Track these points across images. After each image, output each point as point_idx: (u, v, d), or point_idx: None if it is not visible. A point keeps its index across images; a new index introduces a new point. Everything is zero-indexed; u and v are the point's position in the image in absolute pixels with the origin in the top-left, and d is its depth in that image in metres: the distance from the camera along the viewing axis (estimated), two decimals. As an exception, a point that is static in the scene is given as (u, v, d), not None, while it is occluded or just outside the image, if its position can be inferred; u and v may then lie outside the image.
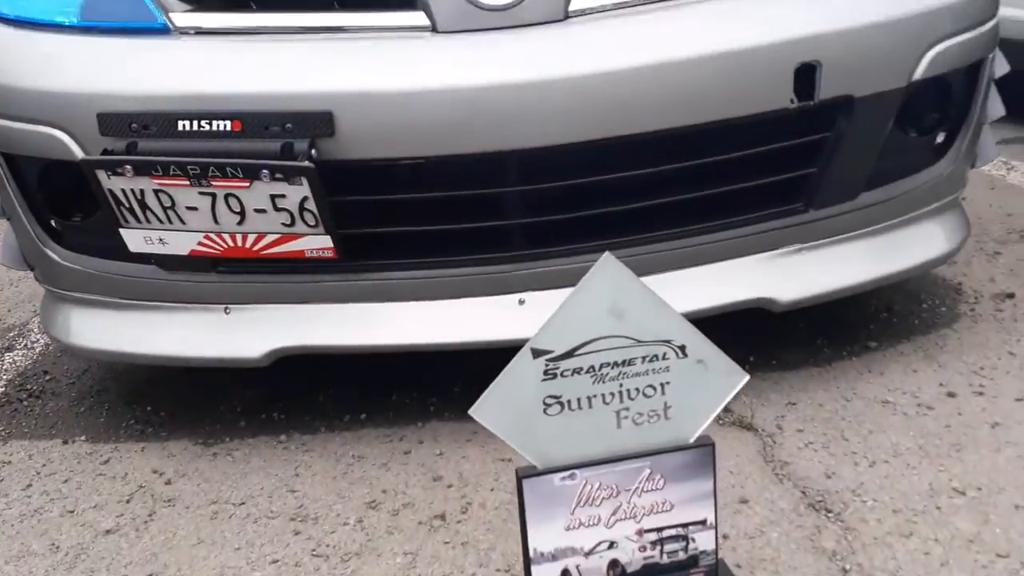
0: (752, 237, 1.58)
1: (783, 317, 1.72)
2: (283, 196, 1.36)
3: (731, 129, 1.47)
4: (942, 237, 1.73)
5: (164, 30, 1.44)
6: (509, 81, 1.37)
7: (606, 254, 0.99)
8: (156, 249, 1.47)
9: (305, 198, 1.35)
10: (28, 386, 2.05)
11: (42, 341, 2.28)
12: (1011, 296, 2.03)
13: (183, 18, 1.44)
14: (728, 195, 1.54)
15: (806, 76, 1.46)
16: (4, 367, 2.17)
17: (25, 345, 2.29)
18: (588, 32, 1.42)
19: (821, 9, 1.47)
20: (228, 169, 1.33)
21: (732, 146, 1.49)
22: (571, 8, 1.43)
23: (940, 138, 1.71)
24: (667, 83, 1.41)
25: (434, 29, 1.41)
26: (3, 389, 2.05)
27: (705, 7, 1.46)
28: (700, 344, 1.04)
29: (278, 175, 1.33)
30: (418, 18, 1.42)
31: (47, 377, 2.09)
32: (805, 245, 1.61)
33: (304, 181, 1.33)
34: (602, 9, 1.45)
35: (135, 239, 1.45)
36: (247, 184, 1.35)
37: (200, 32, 1.44)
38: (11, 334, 2.37)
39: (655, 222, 1.54)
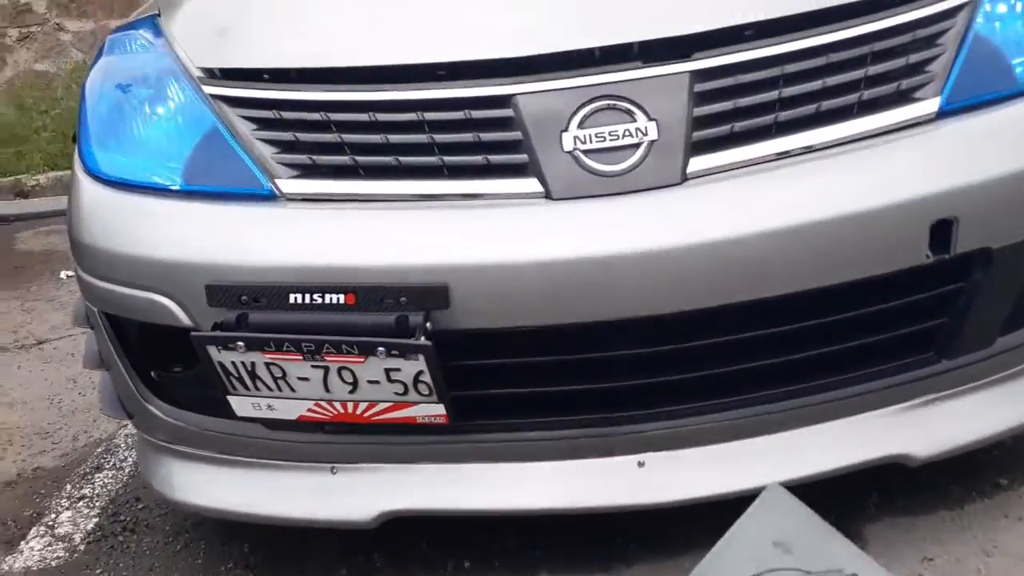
0: (883, 391, 1.49)
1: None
2: (398, 370, 1.31)
3: (861, 286, 1.39)
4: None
5: (270, 197, 1.40)
6: (625, 252, 1.31)
7: (772, 485, 0.92)
8: (264, 414, 1.43)
9: (420, 372, 1.30)
10: (122, 517, 2.02)
11: (130, 459, 2.26)
12: None
13: (290, 184, 1.40)
14: (856, 350, 1.46)
15: (942, 231, 1.37)
16: (96, 492, 2.16)
17: (114, 464, 2.27)
18: (707, 197, 1.35)
19: (958, 161, 1.39)
20: (344, 346, 1.29)
21: (861, 302, 1.42)
22: (689, 170, 1.37)
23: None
24: (790, 248, 1.33)
25: (548, 196, 1.36)
26: (97, 519, 2.03)
27: (831, 163, 1.38)
28: (871, 570, 0.96)
29: (394, 352, 1.28)
30: (531, 185, 1.37)
31: (139, 505, 2.06)
32: (939, 395, 1.52)
33: (420, 357, 1.28)
34: (721, 170, 1.37)
35: (243, 406, 1.41)
36: (362, 360, 1.30)
37: (307, 199, 1.40)
38: (98, 450, 2.36)
39: (778, 379, 1.46)
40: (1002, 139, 1.43)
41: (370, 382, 1.33)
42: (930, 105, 1.43)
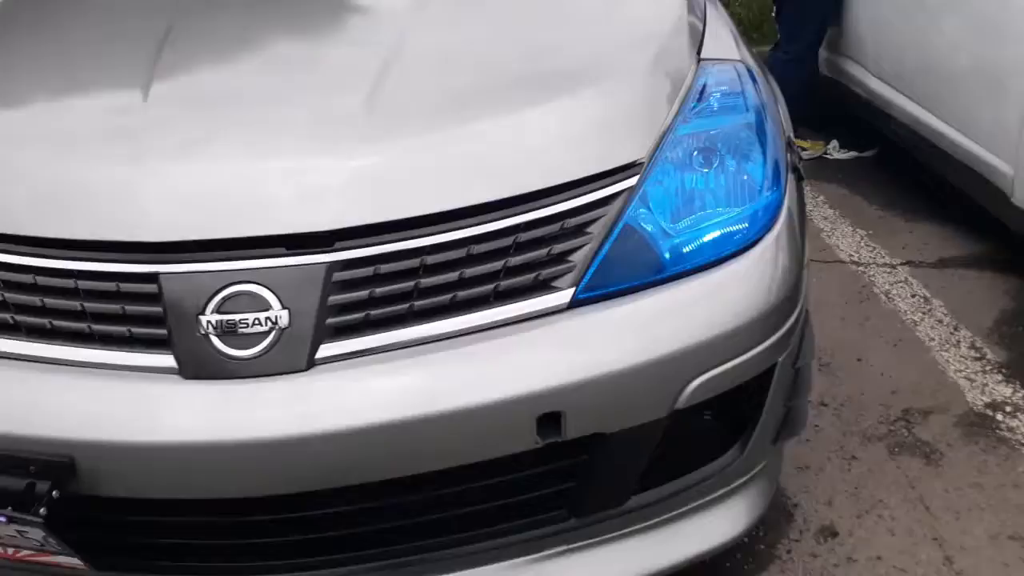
0: (524, 543, 1.62)
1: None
2: (26, 532, 1.43)
3: (482, 465, 1.50)
4: (726, 523, 1.75)
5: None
6: (244, 439, 1.41)
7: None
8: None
9: (44, 536, 1.43)
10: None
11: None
12: (834, 535, 2.05)
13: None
14: (494, 510, 1.58)
15: (550, 421, 1.47)
16: None
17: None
18: (330, 385, 1.44)
19: (561, 361, 1.48)
20: (-25, 508, 1.41)
21: (485, 475, 1.53)
22: (318, 356, 1.45)
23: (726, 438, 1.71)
24: (400, 437, 1.43)
25: (181, 373, 1.45)
26: None
27: (449, 355, 1.46)
28: None
29: (15, 520, 1.41)
30: (167, 360, 1.46)
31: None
32: (571, 547, 1.65)
33: (39, 527, 1.41)
34: (352, 356, 1.46)
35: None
36: (-6, 520, 1.43)
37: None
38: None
39: (426, 535, 1.59)
40: (624, 331, 1.52)
41: (10, 535, 1.46)
42: (563, 296, 1.51)
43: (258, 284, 1.45)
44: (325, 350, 1.46)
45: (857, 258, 3.36)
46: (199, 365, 1.45)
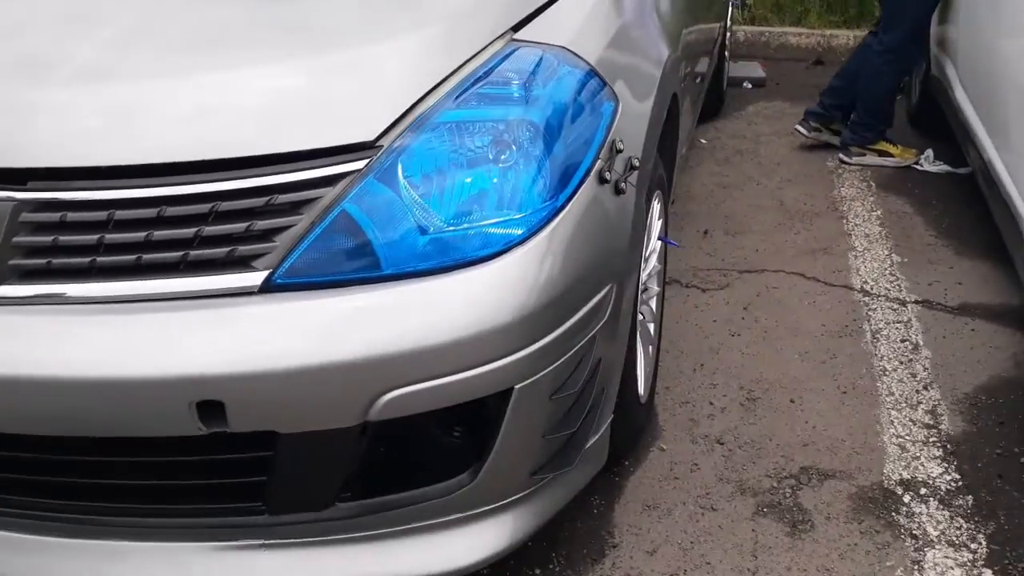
0: (218, 530, 1.54)
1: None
2: None
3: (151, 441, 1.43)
4: (455, 551, 1.58)
5: None
6: None
7: None
8: None
9: None
10: None
11: None
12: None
13: None
14: (184, 488, 1.51)
15: (213, 410, 1.37)
16: None
17: None
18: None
19: (227, 348, 1.37)
20: None
21: (157, 450, 1.45)
22: (-4, 295, 1.42)
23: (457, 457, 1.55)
24: (54, 398, 1.38)
25: None
26: None
27: (113, 320, 1.39)
28: None
29: None
30: None
31: None
32: (269, 543, 1.55)
33: None
34: (31, 302, 1.41)
35: None
36: None
37: None
38: None
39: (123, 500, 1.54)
40: (308, 327, 1.39)
41: None
42: (256, 277, 1.40)
43: None
44: (4, 291, 1.42)
45: (869, 287, 2.99)
46: None
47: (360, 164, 1.42)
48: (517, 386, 1.48)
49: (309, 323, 1.39)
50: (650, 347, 2.28)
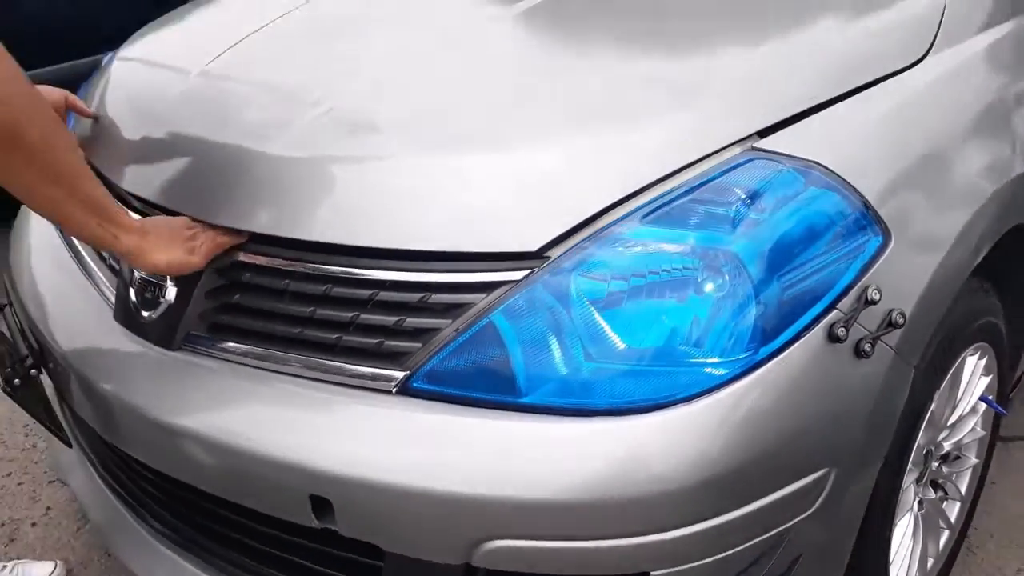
0: None
1: None
2: None
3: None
4: None
5: None
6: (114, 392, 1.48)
7: None
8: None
9: None
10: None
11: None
12: None
13: None
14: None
15: (323, 505, 1.28)
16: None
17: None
18: (175, 373, 1.43)
19: (341, 445, 1.26)
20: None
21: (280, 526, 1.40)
22: (182, 342, 1.46)
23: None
24: (208, 452, 1.37)
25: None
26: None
27: (261, 390, 1.35)
28: None
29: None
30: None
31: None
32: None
33: None
34: (203, 352, 1.44)
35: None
36: None
37: None
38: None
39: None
40: (421, 444, 1.24)
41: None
42: (395, 376, 1.29)
43: None
44: (190, 338, 1.46)
45: None
46: (121, 310, 1.56)
47: (517, 275, 1.24)
48: (654, 573, 1.20)
49: (429, 440, 1.24)
50: (943, 534, 1.79)
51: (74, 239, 1.79)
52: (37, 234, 1.91)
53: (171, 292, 1.47)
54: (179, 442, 1.40)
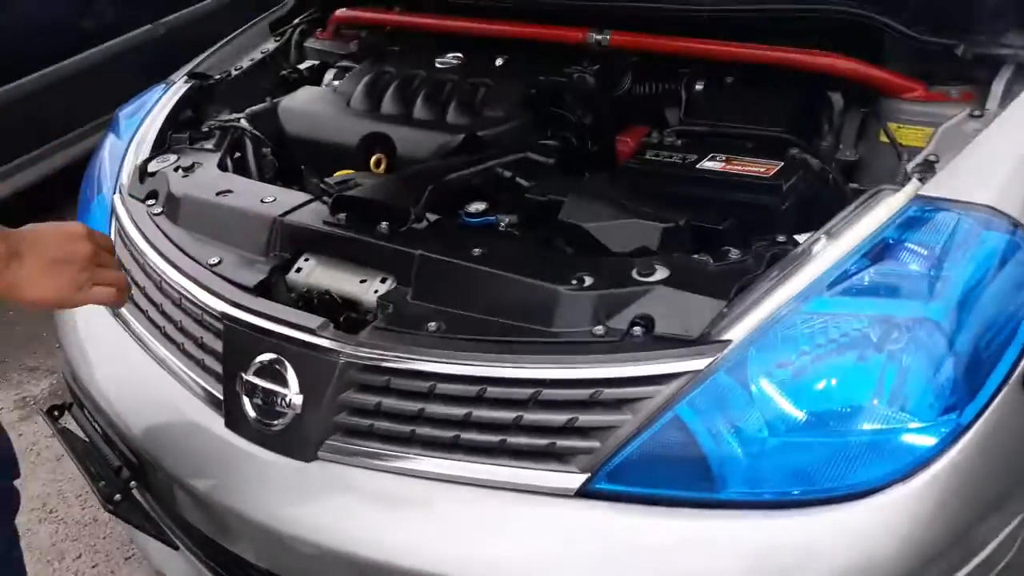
0: None
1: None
2: None
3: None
4: None
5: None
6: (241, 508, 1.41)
7: None
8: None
9: None
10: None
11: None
12: None
13: None
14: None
15: None
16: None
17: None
18: (318, 486, 1.35)
19: (525, 559, 1.20)
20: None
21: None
22: (321, 452, 1.37)
23: None
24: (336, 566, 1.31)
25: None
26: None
27: (427, 502, 1.28)
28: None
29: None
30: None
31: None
32: None
33: None
34: (346, 461, 1.35)
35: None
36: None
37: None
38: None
39: None
40: (623, 549, 1.18)
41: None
42: (575, 479, 1.22)
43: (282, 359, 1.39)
44: (329, 447, 1.37)
45: None
46: (236, 420, 1.45)
47: (700, 364, 1.18)
48: None
49: (620, 545, 1.18)
50: None
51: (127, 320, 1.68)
52: (85, 320, 1.79)
53: (296, 400, 1.38)
54: (341, 568, 1.32)
